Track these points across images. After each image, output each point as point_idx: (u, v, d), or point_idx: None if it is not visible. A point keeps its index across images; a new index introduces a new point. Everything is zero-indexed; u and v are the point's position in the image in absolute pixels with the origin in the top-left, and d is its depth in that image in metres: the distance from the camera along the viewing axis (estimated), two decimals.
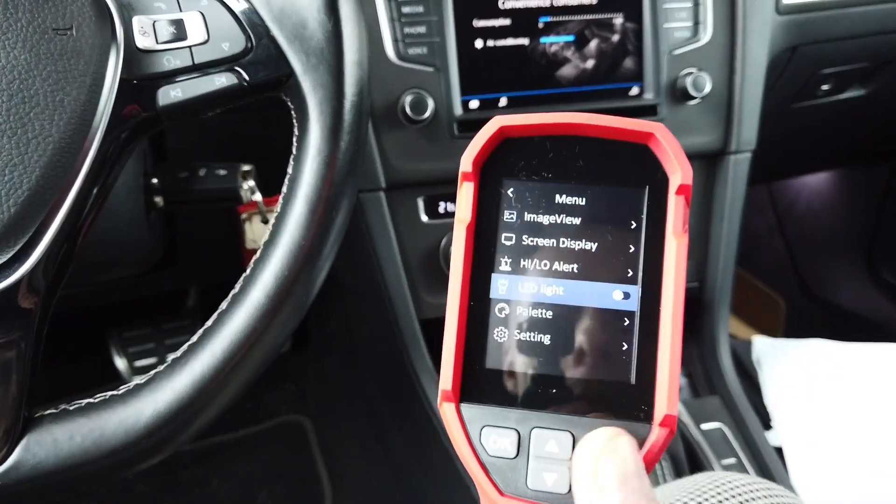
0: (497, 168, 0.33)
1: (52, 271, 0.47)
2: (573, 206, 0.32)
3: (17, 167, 0.45)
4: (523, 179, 0.33)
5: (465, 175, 0.33)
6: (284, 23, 0.52)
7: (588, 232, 0.32)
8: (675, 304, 0.31)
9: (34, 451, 0.47)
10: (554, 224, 0.32)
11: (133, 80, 0.49)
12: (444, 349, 0.32)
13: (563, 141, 0.33)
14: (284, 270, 0.50)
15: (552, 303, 0.32)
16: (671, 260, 0.31)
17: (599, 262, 0.32)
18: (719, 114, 0.90)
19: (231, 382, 0.50)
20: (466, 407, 0.32)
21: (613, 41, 0.84)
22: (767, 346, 1.15)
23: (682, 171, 0.32)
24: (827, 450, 0.99)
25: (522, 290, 0.32)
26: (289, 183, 0.52)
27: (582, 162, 0.32)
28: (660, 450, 0.30)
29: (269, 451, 1.34)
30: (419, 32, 0.79)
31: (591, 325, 0.32)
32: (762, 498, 0.56)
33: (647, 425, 0.31)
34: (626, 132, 0.32)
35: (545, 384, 0.32)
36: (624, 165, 0.32)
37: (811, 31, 0.95)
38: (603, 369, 0.31)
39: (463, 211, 0.32)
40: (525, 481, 0.31)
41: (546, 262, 0.32)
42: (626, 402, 0.31)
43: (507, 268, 0.32)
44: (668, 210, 0.32)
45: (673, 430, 0.31)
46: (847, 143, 1.38)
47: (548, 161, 0.33)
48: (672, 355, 0.31)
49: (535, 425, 0.31)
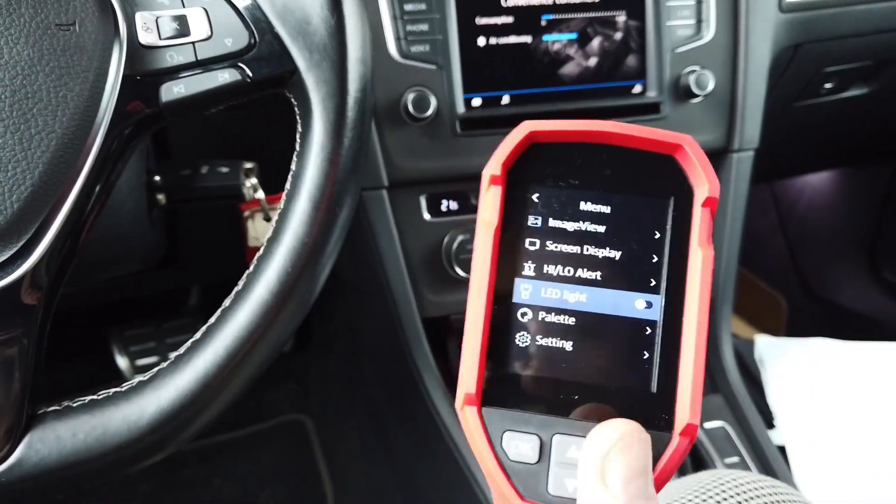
0: (524, 173, 0.33)
1: (54, 268, 0.47)
2: (599, 214, 0.32)
3: (20, 163, 0.45)
4: (550, 185, 0.33)
5: (494, 178, 0.32)
6: (288, 19, 0.51)
7: (613, 240, 0.32)
8: (700, 315, 0.31)
9: (37, 448, 0.47)
10: (579, 231, 0.32)
11: (136, 76, 0.49)
12: (465, 352, 0.32)
13: (592, 149, 0.33)
14: (288, 267, 0.50)
15: (575, 309, 0.32)
16: (696, 271, 0.31)
17: (623, 270, 0.32)
18: (722, 112, 0.90)
19: (234, 380, 0.50)
20: (488, 411, 0.32)
21: (616, 39, 0.84)
22: (770, 345, 1.15)
23: (710, 183, 0.32)
24: (830, 448, 0.99)
25: (546, 296, 0.32)
26: (292, 180, 0.52)
27: (609, 170, 0.33)
28: (679, 459, 0.30)
29: (271, 449, 1.34)
30: (422, 30, 0.79)
31: (613, 333, 0.32)
32: (767, 496, 0.56)
33: (667, 434, 0.31)
34: (654, 143, 0.32)
35: (567, 390, 0.32)
36: (651, 175, 0.32)
37: (814, 29, 0.95)
38: (624, 377, 0.31)
39: (489, 214, 0.32)
40: (546, 487, 0.31)
41: (570, 269, 0.32)
42: (646, 410, 0.31)
43: (531, 273, 0.32)
44: (692, 221, 0.32)
45: (693, 439, 0.31)
46: (849, 142, 1.38)
47: (575, 168, 0.33)
48: (696, 365, 0.31)
49: (557, 431, 0.31)
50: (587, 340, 0.32)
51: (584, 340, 0.32)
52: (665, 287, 0.32)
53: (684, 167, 0.32)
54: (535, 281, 0.32)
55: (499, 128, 0.83)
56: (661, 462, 0.30)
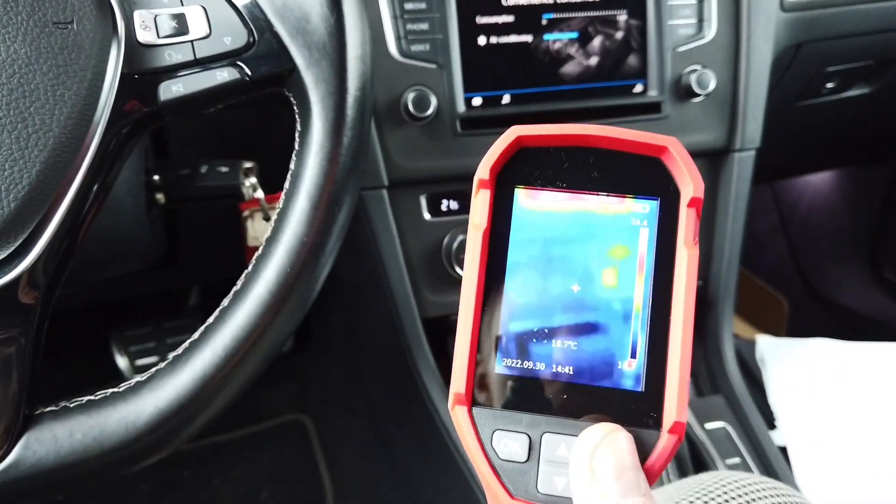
0: (513, 176, 0.33)
1: (52, 267, 0.47)
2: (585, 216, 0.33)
3: (17, 162, 0.45)
4: (538, 188, 0.33)
5: (482, 182, 0.33)
6: (287, 17, 0.51)
7: (601, 241, 0.33)
8: (685, 313, 0.31)
9: (34, 449, 0.46)
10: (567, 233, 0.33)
11: (134, 74, 0.49)
12: (456, 352, 0.32)
13: (578, 152, 0.33)
14: (287, 267, 0.50)
15: (564, 309, 0.32)
16: (682, 270, 0.32)
17: (612, 270, 0.32)
18: (723, 111, 0.90)
19: (232, 380, 0.50)
20: (478, 410, 0.32)
21: (617, 38, 0.84)
22: (771, 345, 1.15)
23: (695, 184, 0.32)
24: (831, 449, 0.99)
25: (535, 297, 0.33)
26: (291, 179, 0.52)
27: (596, 173, 0.33)
28: (668, 456, 0.31)
29: (271, 450, 1.34)
30: (422, 29, 0.79)
31: (601, 333, 0.32)
32: (769, 497, 0.56)
33: (655, 432, 0.31)
34: (640, 145, 0.33)
35: (556, 390, 0.32)
36: (637, 177, 0.33)
37: (816, 28, 0.95)
38: (612, 376, 0.32)
39: (479, 217, 0.33)
40: (535, 485, 0.31)
41: (558, 270, 0.33)
42: (635, 408, 0.32)
43: (520, 274, 0.33)
44: (679, 221, 0.32)
45: (681, 437, 0.31)
46: (851, 142, 1.38)
47: (563, 171, 0.33)
48: (682, 364, 0.31)
49: (546, 430, 0.32)
50: (576, 340, 0.32)
51: (573, 340, 0.32)
52: (652, 286, 0.32)
53: (670, 169, 0.33)
54: (523, 282, 0.33)
55: (499, 127, 0.81)
56: (650, 459, 0.31)
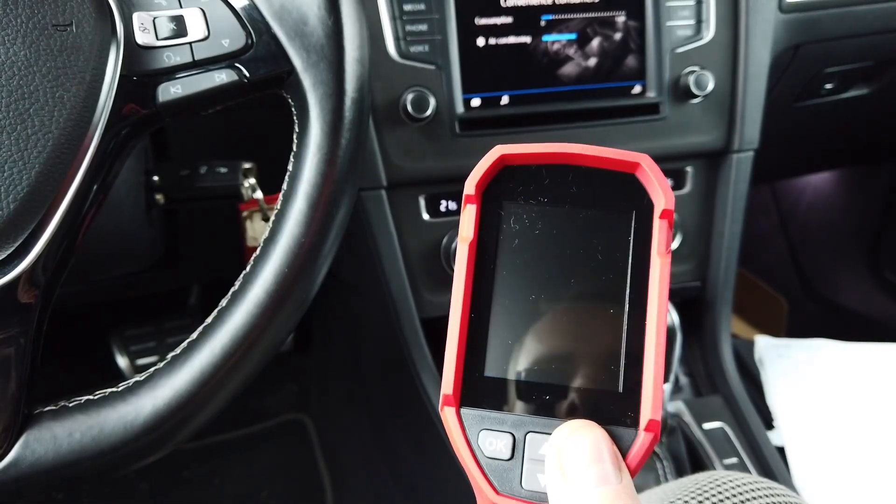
0: (498, 192, 0.36)
1: (51, 267, 0.47)
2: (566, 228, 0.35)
3: (16, 163, 0.45)
4: (521, 203, 0.35)
5: (468, 197, 0.35)
6: (285, 19, 0.51)
7: (579, 252, 0.35)
8: (658, 318, 0.33)
9: (33, 448, 0.47)
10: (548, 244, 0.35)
11: (133, 76, 0.49)
12: (445, 356, 0.34)
13: (558, 169, 0.35)
14: (284, 268, 0.50)
15: (547, 315, 0.34)
16: (655, 277, 0.34)
17: (591, 279, 0.34)
18: (722, 112, 0.90)
19: (231, 380, 0.50)
20: (466, 411, 0.34)
21: (615, 39, 0.84)
22: (770, 345, 1.15)
23: (666, 197, 0.34)
24: (829, 450, 0.99)
25: (519, 304, 0.35)
26: (289, 180, 0.52)
27: (575, 188, 0.35)
28: (646, 453, 0.33)
29: (271, 450, 1.34)
30: (421, 30, 0.79)
31: (582, 338, 0.34)
32: (764, 497, 0.56)
33: (633, 430, 0.33)
34: (614, 161, 0.35)
35: (539, 391, 0.34)
36: (613, 192, 0.35)
37: (814, 29, 0.95)
38: (593, 378, 0.34)
39: (466, 230, 0.35)
40: (520, 482, 0.33)
41: (541, 279, 0.35)
42: (613, 408, 0.33)
43: (506, 282, 0.35)
44: (652, 232, 0.34)
45: (657, 435, 0.33)
46: (850, 143, 1.38)
47: (544, 187, 0.35)
48: (656, 365, 0.33)
49: (530, 430, 0.34)
50: (558, 345, 0.34)
51: (556, 345, 0.34)
52: (629, 293, 0.34)
53: (643, 183, 0.35)
54: (509, 290, 0.35)
55: (498, 128, 0.83)
56: (629, 456, 0.32)
